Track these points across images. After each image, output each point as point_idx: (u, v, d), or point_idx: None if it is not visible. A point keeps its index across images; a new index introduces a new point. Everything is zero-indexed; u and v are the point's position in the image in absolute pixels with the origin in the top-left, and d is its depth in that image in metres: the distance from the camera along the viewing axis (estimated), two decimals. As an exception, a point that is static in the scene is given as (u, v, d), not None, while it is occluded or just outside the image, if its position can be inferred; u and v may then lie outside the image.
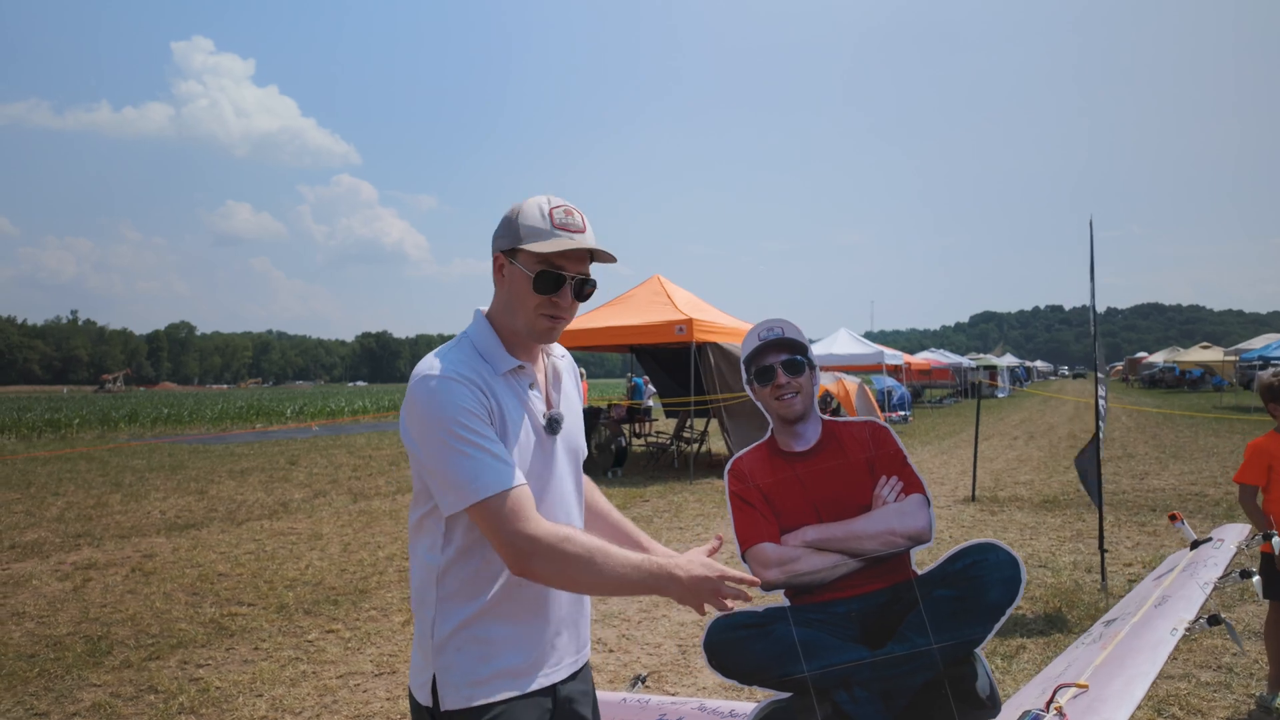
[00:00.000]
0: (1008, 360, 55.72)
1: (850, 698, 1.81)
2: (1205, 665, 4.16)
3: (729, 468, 1.90)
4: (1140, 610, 2.84)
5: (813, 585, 1.84)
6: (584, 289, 1.61)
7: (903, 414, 24.39)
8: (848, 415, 16.79)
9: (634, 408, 16.40)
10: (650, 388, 18.46)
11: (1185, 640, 3.80)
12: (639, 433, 16.25)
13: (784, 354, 1.86)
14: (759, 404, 1.89)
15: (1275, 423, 3.79)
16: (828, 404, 17.65)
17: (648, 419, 17.21)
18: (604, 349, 15.38)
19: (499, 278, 1.60)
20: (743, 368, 1.91)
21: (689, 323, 11.78)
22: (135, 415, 29.81)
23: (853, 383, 18.19)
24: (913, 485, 1.82)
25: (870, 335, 41.05)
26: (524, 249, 1.54)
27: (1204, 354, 39.73)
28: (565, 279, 1.56)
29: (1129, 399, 35.64)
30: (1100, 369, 4.68)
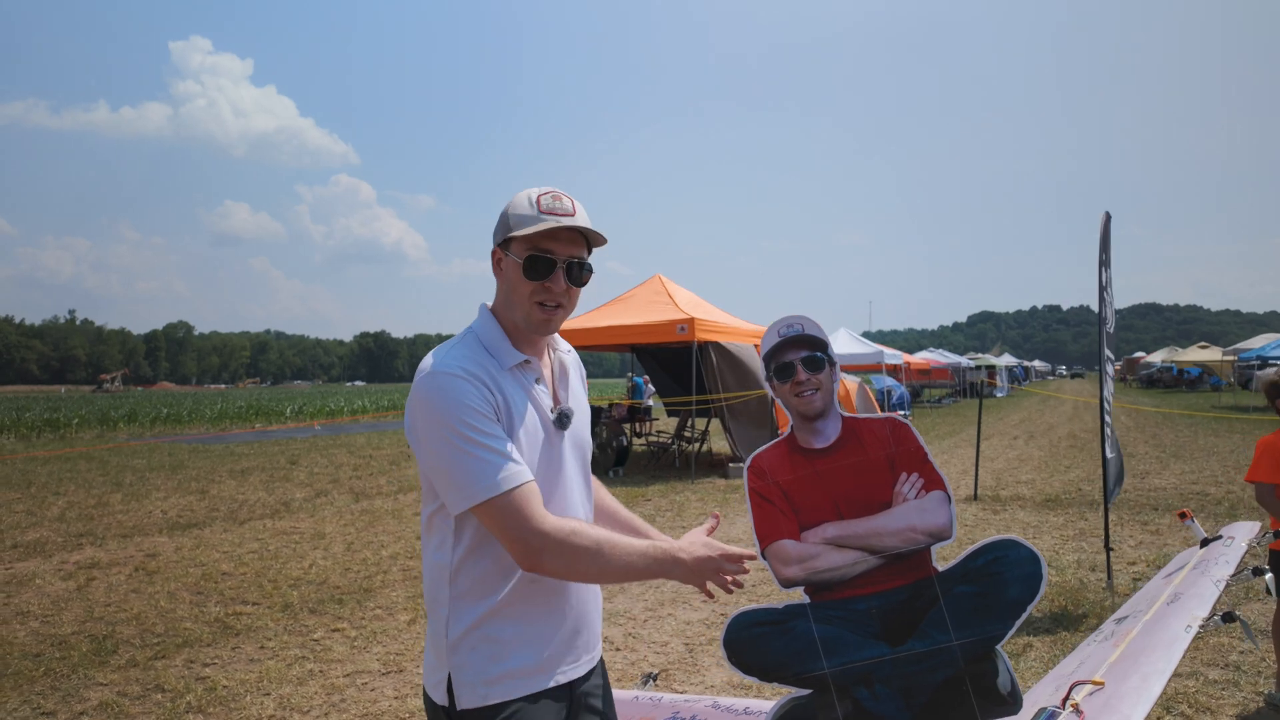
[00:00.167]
0: (1006, 360, 55.78)
1: (871, 694, 1.81)
2: (1213, 663, 4.16)
3: (749, 464, 1.90)
4: (1152, 608, 2.84)
5: (833, 582, 1.84)
6: (578, 273, 1.58)
7: (902, 414, 24.42)
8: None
9: (634, 407, 16.40)
10: (650, 387, 18.46)
11: (1193, 638, 3.81)
12: (639, 432, 16.26)
13: (804, 351, 1.86)
14: (779, 400, 1.89)
15: None
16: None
17: (648, 418, 17.22)
18: (604, 348, 15.37)
19: (497, 272, 1.60)
20: (762, 364, 1.91)
21: (690, 322, 11.78)
22: (134, 415, 29.77)
23: (853, 382, 18.16)
24: (934, 482, 1.82)
25: (868, 335, 41.07)
26: (513, 236, 1.53)
27: (1202, 354, 39.79)
28: (555, 262, 1.54)
29: (1127, 398, 35.68)
30: (1106, 366, 4.68)
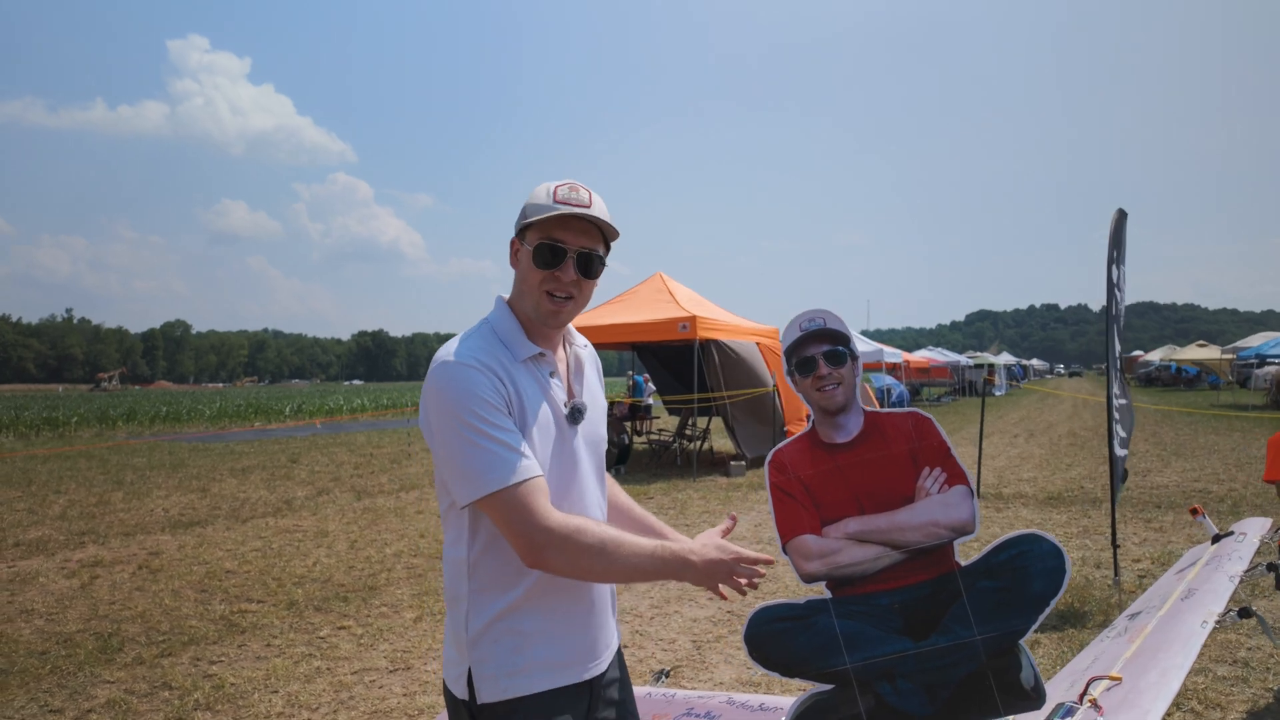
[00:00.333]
0: (1004, 358, 55.84)
1: (893, 689, 1.80)
2: (1221, 659, 4.17)
3: (770, 459, 1.89)
4: (1166, 604, 2.84)
5: (855, 577, 1.84)
6: (588, 264, 1.56)
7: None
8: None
9: (635, 405, 16.40)
10: (650, 386, 18.46)
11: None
12: (640, 430, 16.26)
13: (825, 345, 1.85)
14: (800, 395, 1.89)
15: None
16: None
17: (648, 417, 17.22)
18: (605, 347, 15.36)
19: (514, 262, 1.60)
20: (783, 359, 1.90)
21: (692, 320, 11.77)
22: (133, 413, 29.72)
23: (853, 380, 18.17)
24: (956, 476, 1.81)
25: (866, 334, 41.11)
26: (527, 224, 1.54)
27: (1201, 352, 39.85)
28: (566, 252, 1.53)
29: (1126, 397, 35.70)
30: (1115, 365, 4.67)
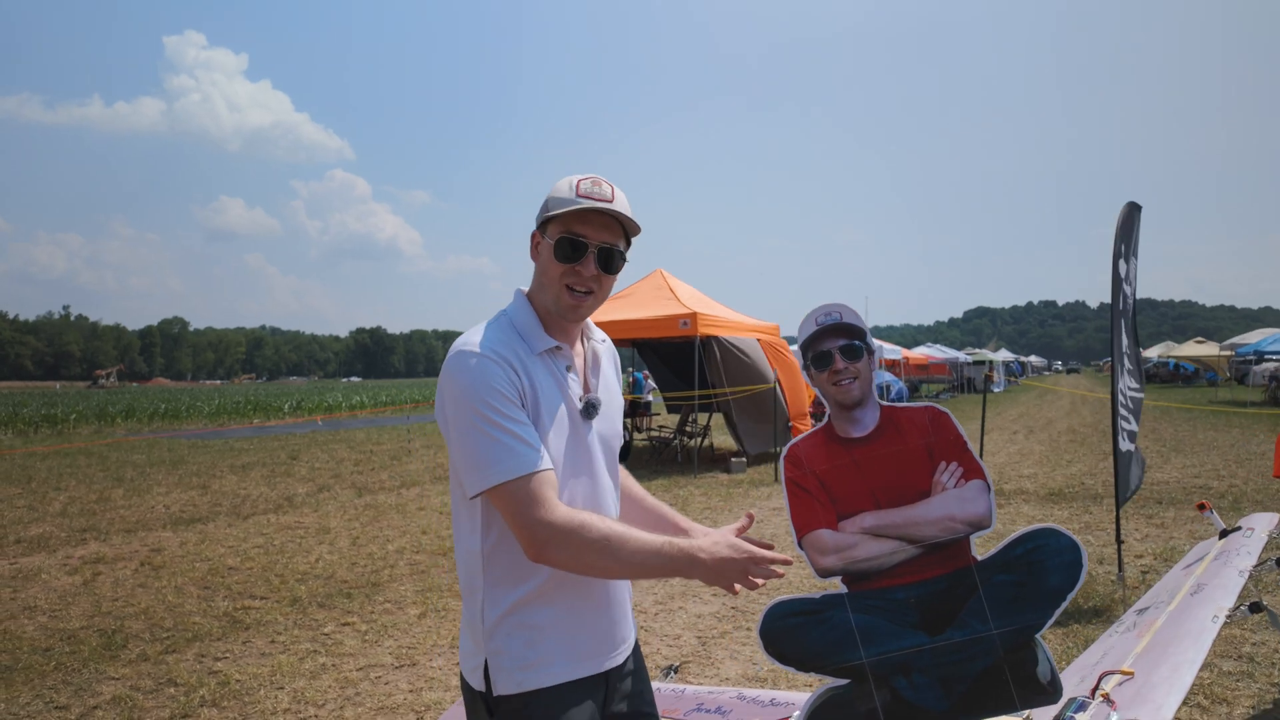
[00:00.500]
0: (1002, 355, 55.88)
1: (909, 684, 1.80)
2: (1226, 654, 4.17)
3: (785, 453, 1.89)
4: (1175, 599, 2.85)
5: (870, 572, 1.84)
6: (609, 259, 1.56)
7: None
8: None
9: (635, 402, 16.40)
10: (650, 383, 18.46)
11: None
12: (639, 427, 16.26)
13: (842, 339, 1.85)
14: (816, 389, 1.88)
15: None
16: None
17: (648, 414, 17.23)
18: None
19: (534, 255, 1.60)
20: (799, 353, 1.89)
21: (693, 317, 11.77)
22: (132, 411, 29.71)
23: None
24: (973, 471, 1.81)
25: (866, 330, 41.01)
26: (549, 217, 1.54)
27: (1199, 349, 39.89)
28: (587, 246, 1.53)
29: (1125, 393, 35.75)
30: (1120, 359, 4.66)
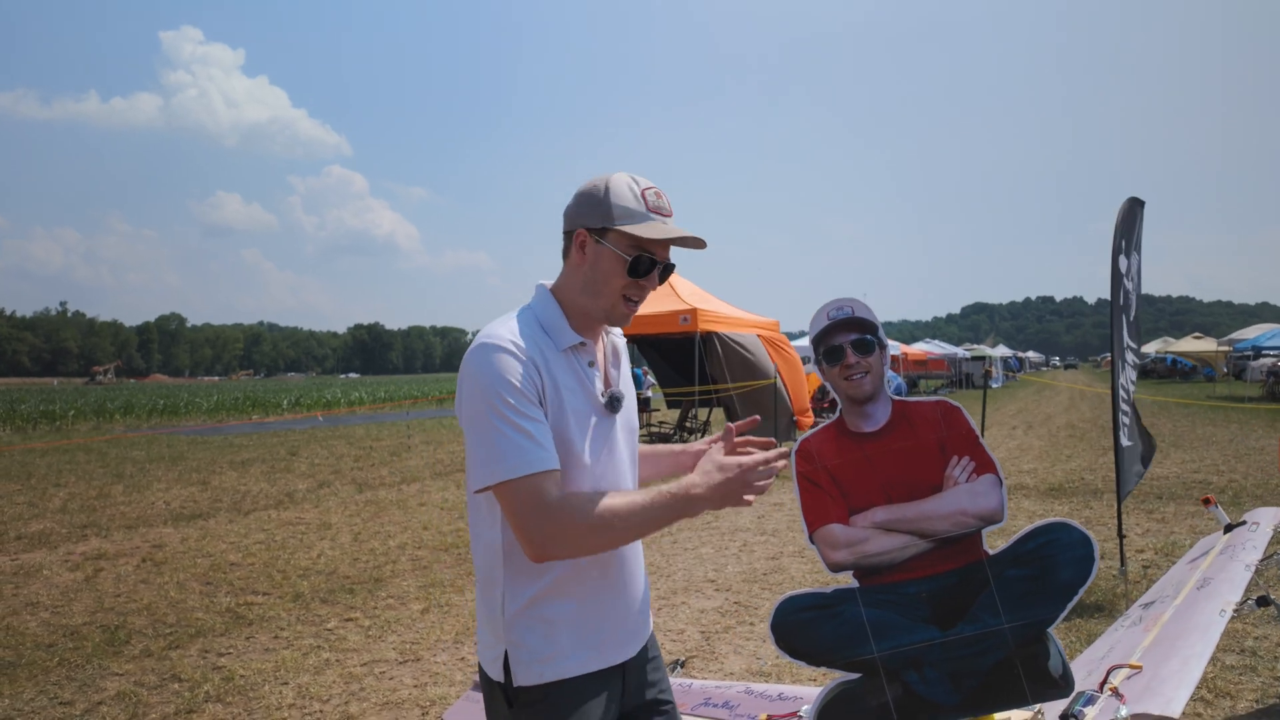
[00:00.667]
0: (1000, 351, 55.94)
1: (921, 678, 1.81)
2: (1229, 649, 4.19)
3: (796, 448, 1.89)
4: (1181, 593, 2.85)
5: (882, 566, 1.84)
6: (666, 273, 1.60)
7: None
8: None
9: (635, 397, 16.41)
10: (650, 378, 18.47)
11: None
12: (639, 423, 16.28)
13: (853, 334, 1.85)
14: (828, 384, 1.88)
15: None
16: (826, 394, 17.71)
17: (648, 409, 17.23)
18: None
19: (579, 256, 1.55)
20: (811, 347, 1.89)
21: (693, 312, 11.77)
22: (130, 407, 29.68)
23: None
24: (985, 465, 1.81)
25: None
26: (618, 230, 1.51)
27: (1197, 344, 39.90)
28: (656, 263, 1.55)
29: (1123, 389, 35.78)
30: (1121, 355, 4.66)
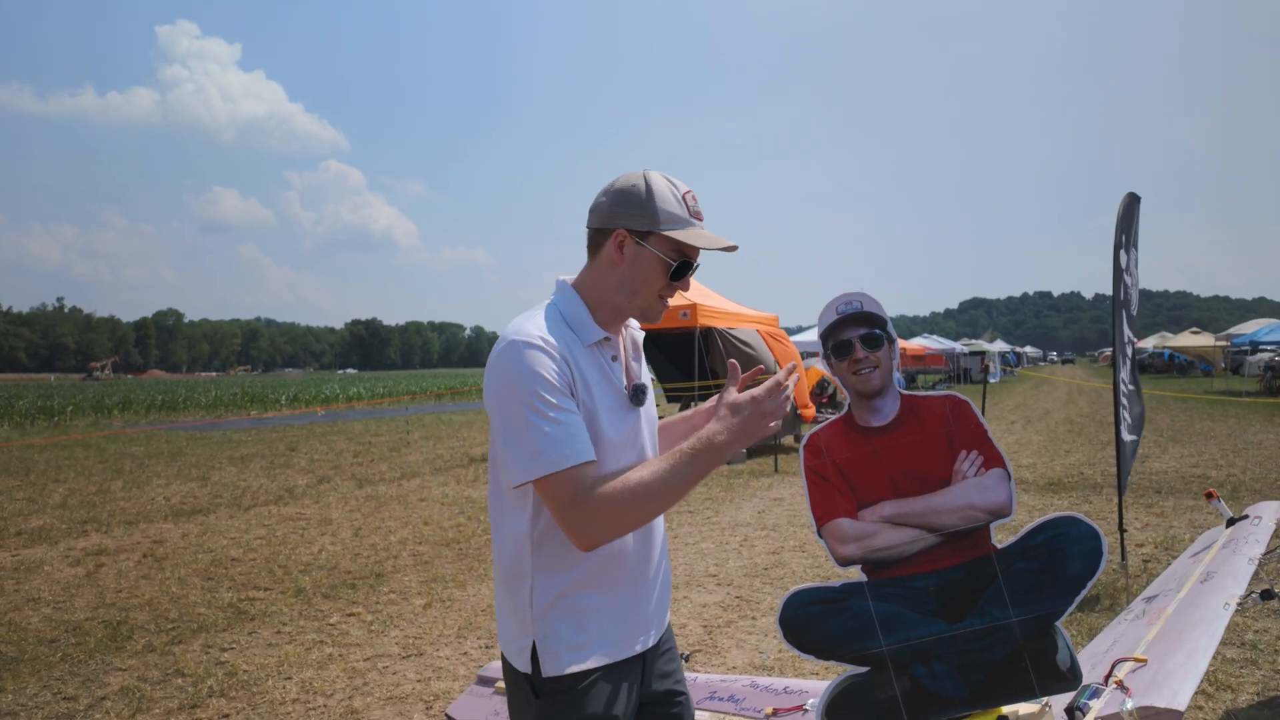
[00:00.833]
0: (998, 346, 55.99)
1: (929, 672, 1.81)
2: (1229, 642, 4.20)
3: (805, 442, 1.89)
4: (1184, 587, 2.86)
5: (890, 560, 1.84)
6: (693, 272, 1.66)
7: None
8: (844, 400, 16.85)
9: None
10: (649, 374, 18.46)
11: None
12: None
13: (862, 328, 1.85)
14: (836, 379, 1.88)
15: None
16: (824, 389, 17.71)
17: (647, 404, 17.23)
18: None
19: (616, 255, 1.55)
20: (819, 342, 1.89)
21: (693, 308, 11.76)
22: (128, 403, 29.63)
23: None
24: (993, 460, 1.81)
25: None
26: (663, 234, 1.53)
27: (1194, 339, 39.97)
28: (692, 266, 1.59)
29: (1120, 384, 35.82)
30: (1122, 350, 4.67)
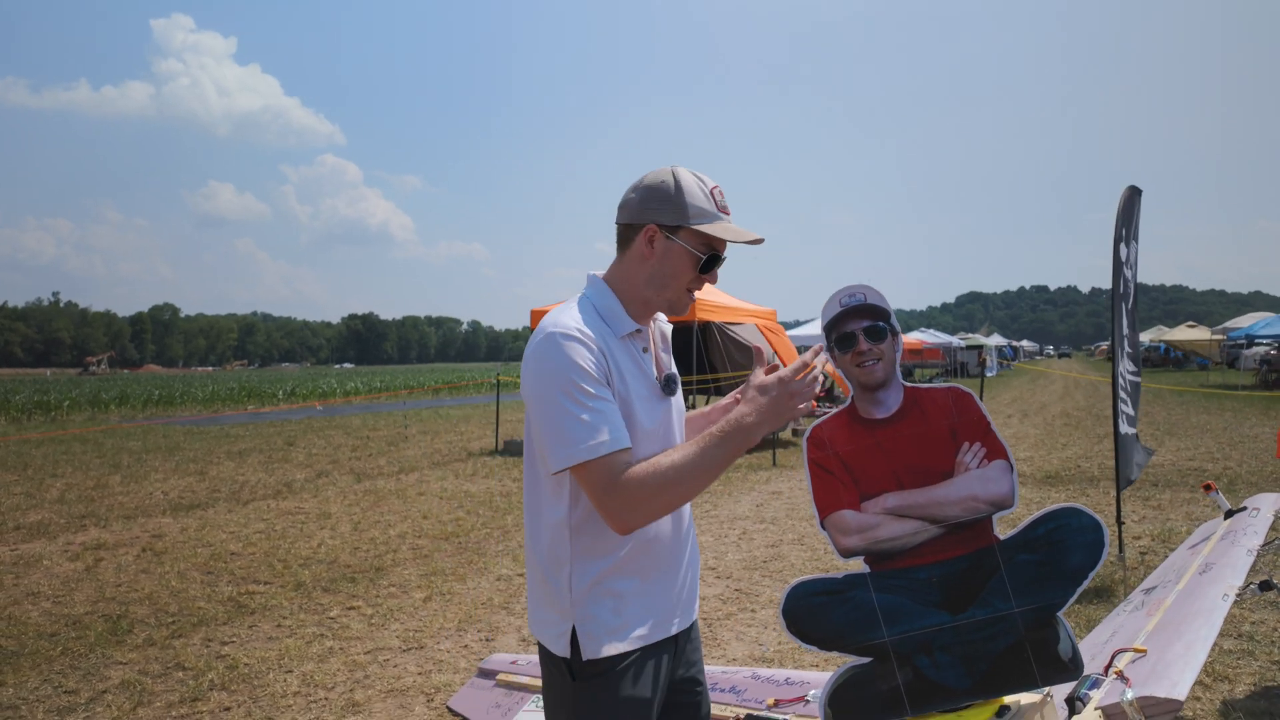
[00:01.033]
0: (995, 340, 56.07)
1: (932, 662, 1.82)
2: (1226, 633, 4.23)
3: (808, 435, 1.90)
4: (1183, 578, 2.88)
5: (893, 552, 1.85)
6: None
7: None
8: (842, 394, 16.90)
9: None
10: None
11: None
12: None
13: (866, 320, 1.85)
14: (840, 371, 1.89)
15: None
16: (821, 384, 17.71)
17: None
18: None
19: (647, 249, 1.59)
20: (823, 334, 1.90)
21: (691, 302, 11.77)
22: (125, 397, 29.54)
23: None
24: (996, 451, 1.82)
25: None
26: (692, 228, 1.57)
27: (1190, 333, 40.07)
28: (720, 259, 1.63)
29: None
30: (1120, 343, 4.68)
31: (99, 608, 5.26)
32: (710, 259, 1.60)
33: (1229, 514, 3.38)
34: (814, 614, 1.86)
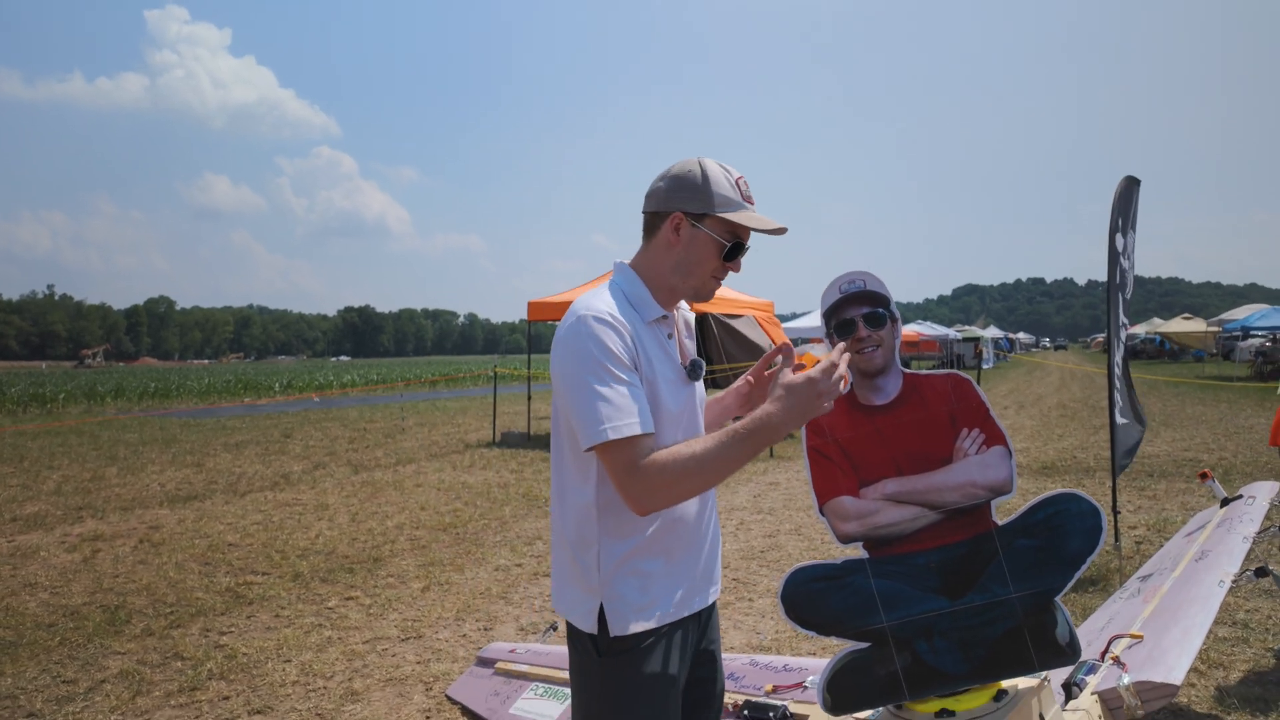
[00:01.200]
0: (991, 332, 56.13)
1: (930, 647, 1.83)
2: (1221, 620, 4.25)
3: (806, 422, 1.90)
4: (1179, 565, 2.89)
5: (892, 537, 1.85)
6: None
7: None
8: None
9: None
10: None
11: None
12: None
13: (865, 307, 1.85)
14: (839, 357, 1.89)
15: None
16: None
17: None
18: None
19: (673, 237, 1.62)
20: (822, 321, 1.90)
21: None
22: (121, 390, 29.51)
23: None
24: (995, 437, 1.82)
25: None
26: (718, 216, 1.60)
27: (1186, 325, 40.12)
28: (744, 247, 1.66)
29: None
30: (1117, 334, 4.69)
31: (97, 598, 5.26)
32: (734, 246, 1.63)
33: (1225, 502, 3.40)
34: (812, 599, 1.87)
